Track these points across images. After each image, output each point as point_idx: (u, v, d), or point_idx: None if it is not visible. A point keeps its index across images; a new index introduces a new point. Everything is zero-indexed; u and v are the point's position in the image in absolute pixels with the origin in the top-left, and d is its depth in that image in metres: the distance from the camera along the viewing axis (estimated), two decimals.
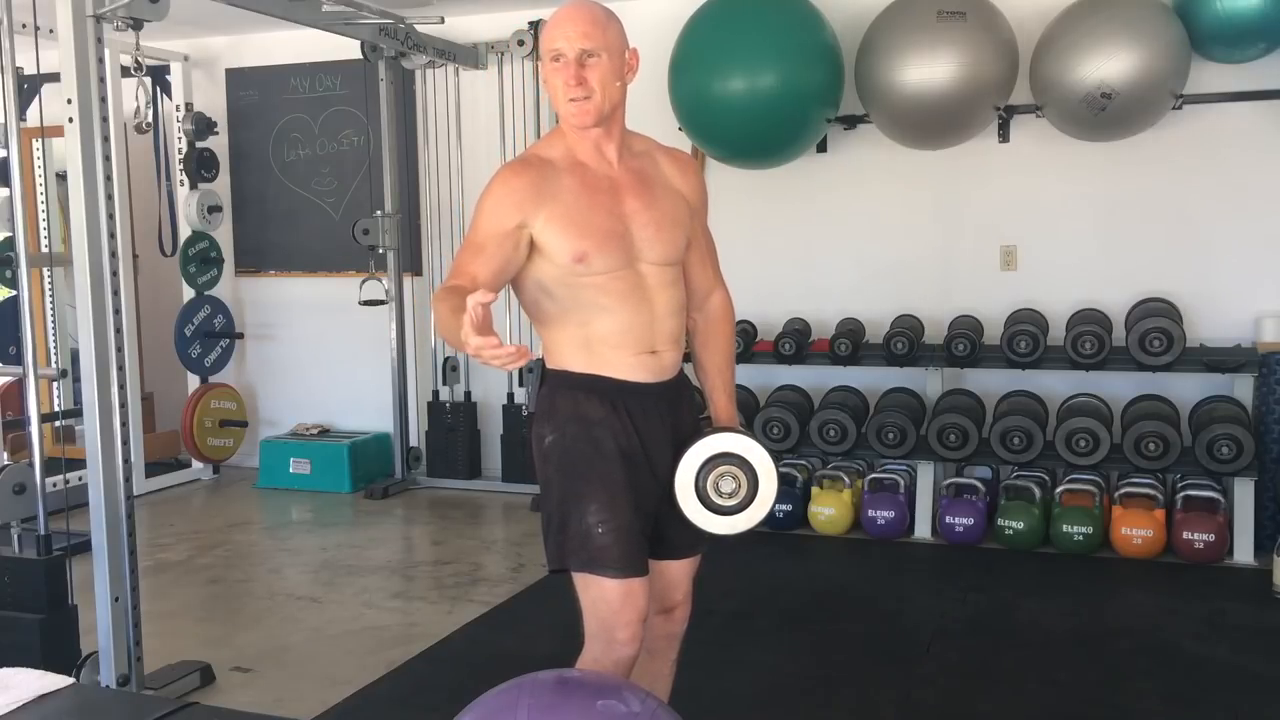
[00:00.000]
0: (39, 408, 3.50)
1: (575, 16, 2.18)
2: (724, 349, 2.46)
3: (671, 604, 2.42)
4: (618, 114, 2.25)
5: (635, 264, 2.21)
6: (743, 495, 2.24)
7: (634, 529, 2.21)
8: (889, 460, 4.99)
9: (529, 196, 2.15)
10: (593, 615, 2.23)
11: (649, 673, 2.42)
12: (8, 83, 3.58)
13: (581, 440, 2.21)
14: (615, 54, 2.19)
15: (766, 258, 5.56)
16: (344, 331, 6.33)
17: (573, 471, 2.22)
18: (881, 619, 3.96)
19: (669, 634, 2.44)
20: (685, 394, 2.36)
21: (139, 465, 5.80)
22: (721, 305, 2.45)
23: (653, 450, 2.25)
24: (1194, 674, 3.43)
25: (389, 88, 5.86)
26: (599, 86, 2.16)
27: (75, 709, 2.14)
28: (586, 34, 2.15)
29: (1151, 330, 4.56)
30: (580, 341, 2.22)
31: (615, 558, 2.18)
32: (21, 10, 3.59)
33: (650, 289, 2.23)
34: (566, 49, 2.16)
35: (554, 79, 2.19)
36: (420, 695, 3.39)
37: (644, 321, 2.22)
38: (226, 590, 4.50)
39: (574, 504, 2.20)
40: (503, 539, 5.16)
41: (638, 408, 2.23)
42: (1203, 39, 4.60)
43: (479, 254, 2.14)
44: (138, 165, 6.14)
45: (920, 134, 5.03)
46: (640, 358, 2.23)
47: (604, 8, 2.24)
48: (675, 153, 2.39)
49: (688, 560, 2.41)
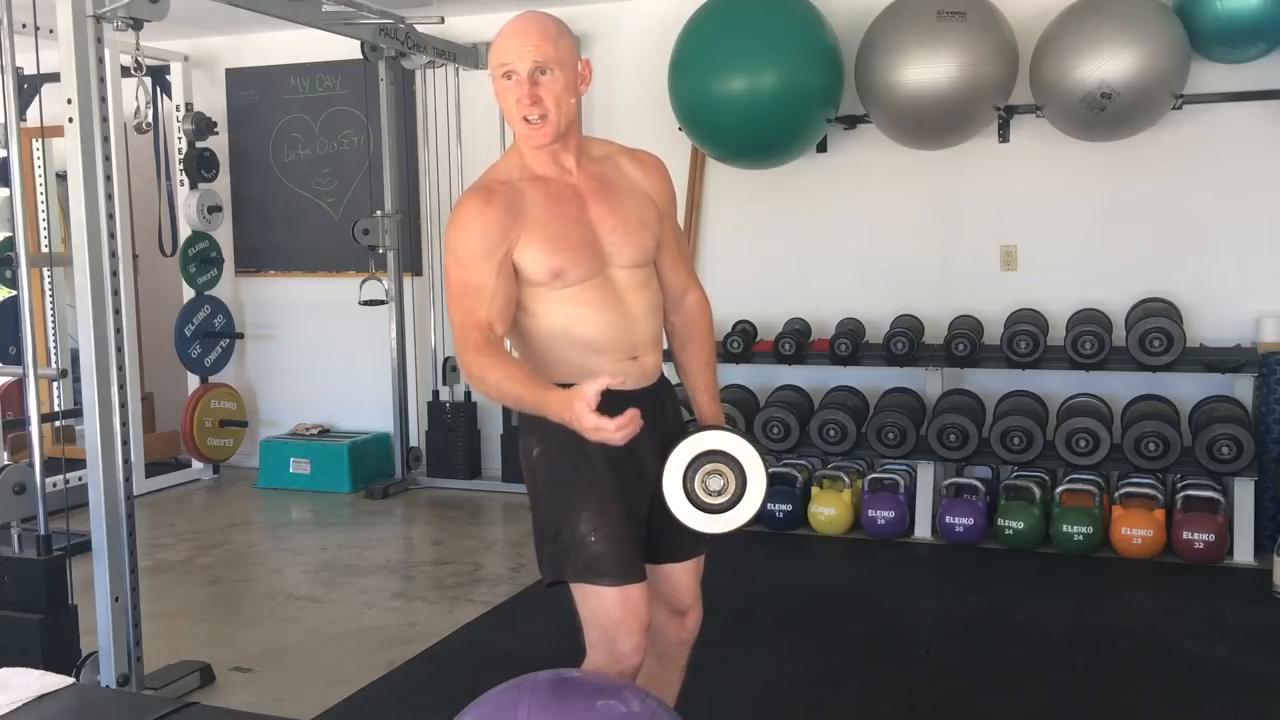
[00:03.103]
0: (39, 408, 3.50)
1: (525, 30, 2.11)
2: (703, 348, 2.43)
3: (681, 609, 2.40)
4: (573, 126, 2.19)
5: (607, 270, 2.18)
6: (731, 492, 2.19)
7: (628, 536, 2.18)
8: (889, 460, 4.99)
9: (508, 223, 2.11)
10: (594, 625, 2.21)
11: (659, 678, 2.41)
12: (8, 83, 3.57)
13: (569, 451, 2.17)
14: (569, 67, 2.13)
15: (766, 258, 5.56)
16: (344, 331, 6.33)
17: (562, 482, 2.20)
18: (881, 619, 3.96)
19: (681, 640, 2.42)
20: (668, 398, 2.34)
21: (139, 465, 5.80)
22: (698, 305, 2.42)
23: (641, 456, 2.21)
24: (1194, 674, 3.43)
25: (389, 88, 5.86)
26: (553, 104, 2.10)
27: (75, 709, 2.14)
28: (538, 48, 2.09)
29: (1151, 330, 4.56)
30: (561, 352, 2.19)
31: (611, 565, 2.15)
32: (21, 10, 3.58)
33: (624, 292, 2.20)
34: (518, 65, 2.09)
35: (506, 97, 2.13)
36: (420, 695, 3.39)
37: (622, 326, 2.20)
38: (226, 590, 4.50)
39: (566, 514, 2.18)
40: (503, 539, 5.16)
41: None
42: (1203, 39, 4.60)
43: (481, 296, 2.09)
44: (138, 165, 6.14)
45: (920, 134, 5.03)
46: (622, 364, 2.19)
47: (555, 19, 2.17)
48: (639, 154, 2.34)
49: (691, 563, 2.38)
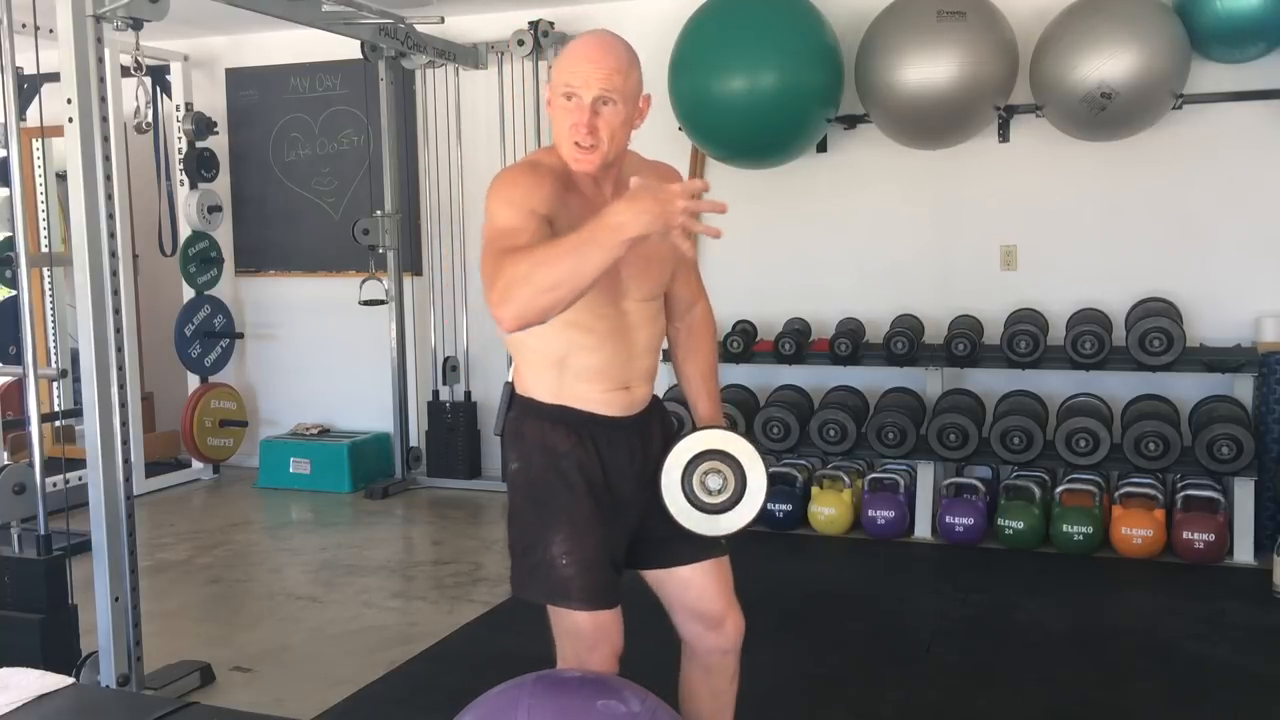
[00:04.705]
0: (39, 408, 3.50)
1: (600, 57, 2.02)
2: (707, 357, 2.41)
3: (713, 616, 2.29)
4: (620, 157, 2.12)
5: (619, 301, 2.13)
6: (731, 492, 2.16)
7: (600, 563, 2.14)
8: (889, 460, 4.99)
9: (552, 196, 2.02)
10: (566, 645, 2.20)
11: (707, 689, 2.36)
12: (8, 83, 3.57)
13: (548, 471, 2.15)
14: (631, 101, 2.05)
15: (766, 258, 5.56)
16: (344, 331, 6.33)
17: (538, 501, 2.18)
18: (881, 619, 3.96)
19: (721, 649, 2.31)
20: (656, 427, 2.28)
21: (139, 465, 5.80)
22: (703, 315, 2.40)
23: (618, 483, 2.18)
24: (1194, 674, 3.44)
25: (389, 88, 5.86)
26: (608, 137, 2.03)
27: (75, 709, 2.14)
28: (609, 77, 2.00)
29: (1151, 330, 4.56)
30: (553, 373, 2.15)
31: (578, 589, 2.12)
32: (21, 10, 3.58)
33: (631, 327, 2.16)
34: (583, 91, 2.00)
35: (562, 116, 2.04)
36: (420, 695, 3.39)
37: (621, 360, 2.16)
38: (226, 590, 4.50)
39: (538, 534, 2.17)
40: (502, 539, 5.11)
41: (605, 440, 2.17)
42: (1203, 39, 4.60)
43: (519, 237, 1.93)
44: (138, 165, 6.14)
45: (920, 134, 5.03)
46: (612, 394, 2.16)
47: (629, 48, 2.08)
48: (661, 169, 2.26)
49: (711, 564, 2.28)
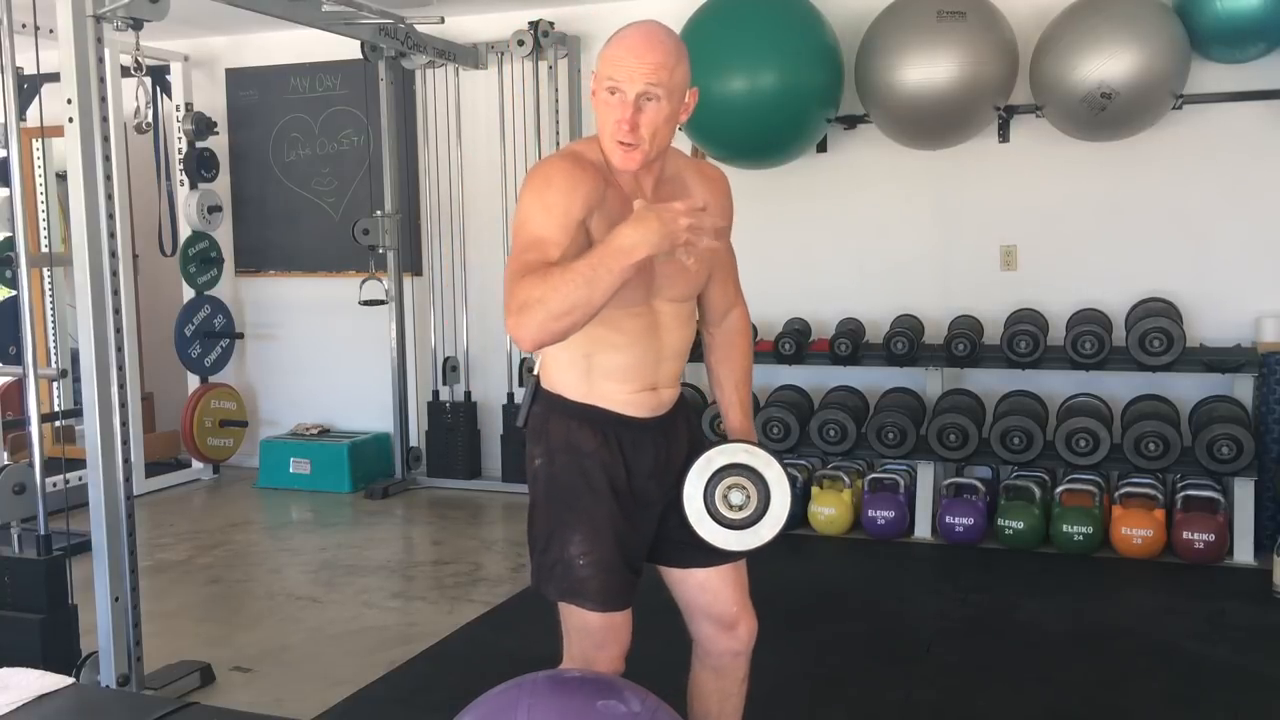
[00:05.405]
0: (39, 408, 3.50)
1: (645, 51, 1.95)
2: (742, 365, 2.36)
3: (727, 619, 2.30)
4: (663, 154, 2.08)
5: (652, 300, 2.10)
6: (752, 510, 2.16)
7: (616, 564, 2.14)
8: (889, 460, 4.99)
9: (593, 193, 1.98)
10: (574, 643, 2.20)
11: (717, 690, 2.37)
12: (8, 83, 3.57)
13: (571, 470, 2.14)
14: (676, 96, 1.99)
15: (766, 258, 5.54)
16: (344, 331, 6.33)
17: (559, 500, 2.16)
18: (882, 619, 3.96)
19: (733, 651, 2.33)
20: (681, 428, 2.27)
21: (139, 465, 5.80)
22: (740, 321, 2.35)
23: (640, 486, 2.17)
24: (1194, 674, 3.44)
25: (389, 88, 5.86)
26: (649, 135, 1.97)
27: (75, 709, 2.14)
28: (654, 72, 1.94)
29: (1151, 330, 4.56)
30: (581, 371, 2.13)
31: (594, 590, 2.12)
32: (21, 10, 3.58)
33: (663, 327, 2.13)
34: (627, 86, 1.95)
35: (605, 111, 1.99)
36: (420, 695, 3.39)
37: (650, 361, 2.14)
38: (226, 590, 4.50)
39: (558, 532, 2.16)
40: (503, 539, 5.16)
41: (630, 441, 2.16)
42: (1203, 39, 4.60)
43: (546, 250, 1.90)
44: (138, 165, 6.14)
45: (920, 134, 5.03)
46: (640, 395, 2.15)
47: (676, 40, 2.01)
48: (706, 169, 2.24)
49: (728, 568, 2.29)
